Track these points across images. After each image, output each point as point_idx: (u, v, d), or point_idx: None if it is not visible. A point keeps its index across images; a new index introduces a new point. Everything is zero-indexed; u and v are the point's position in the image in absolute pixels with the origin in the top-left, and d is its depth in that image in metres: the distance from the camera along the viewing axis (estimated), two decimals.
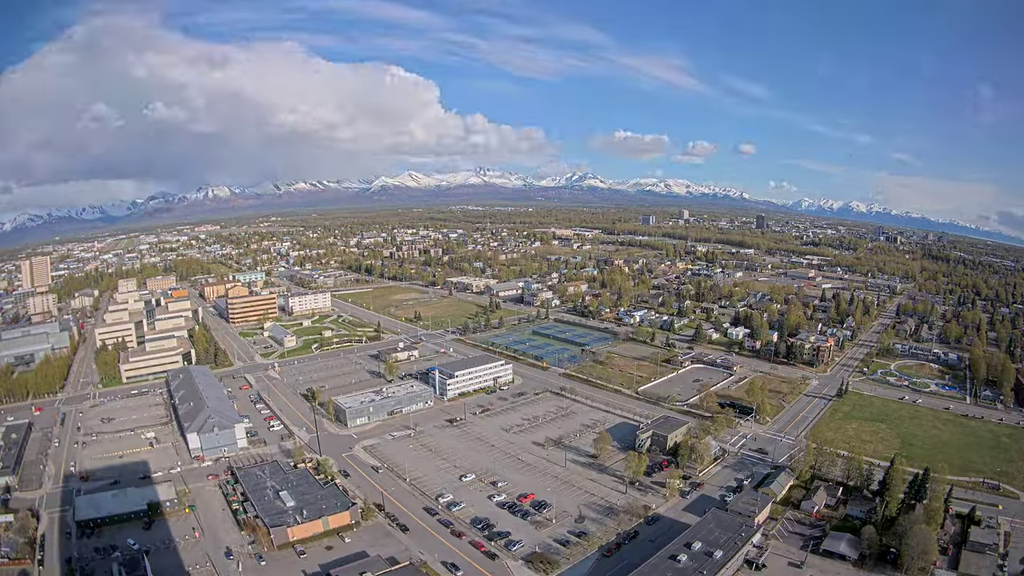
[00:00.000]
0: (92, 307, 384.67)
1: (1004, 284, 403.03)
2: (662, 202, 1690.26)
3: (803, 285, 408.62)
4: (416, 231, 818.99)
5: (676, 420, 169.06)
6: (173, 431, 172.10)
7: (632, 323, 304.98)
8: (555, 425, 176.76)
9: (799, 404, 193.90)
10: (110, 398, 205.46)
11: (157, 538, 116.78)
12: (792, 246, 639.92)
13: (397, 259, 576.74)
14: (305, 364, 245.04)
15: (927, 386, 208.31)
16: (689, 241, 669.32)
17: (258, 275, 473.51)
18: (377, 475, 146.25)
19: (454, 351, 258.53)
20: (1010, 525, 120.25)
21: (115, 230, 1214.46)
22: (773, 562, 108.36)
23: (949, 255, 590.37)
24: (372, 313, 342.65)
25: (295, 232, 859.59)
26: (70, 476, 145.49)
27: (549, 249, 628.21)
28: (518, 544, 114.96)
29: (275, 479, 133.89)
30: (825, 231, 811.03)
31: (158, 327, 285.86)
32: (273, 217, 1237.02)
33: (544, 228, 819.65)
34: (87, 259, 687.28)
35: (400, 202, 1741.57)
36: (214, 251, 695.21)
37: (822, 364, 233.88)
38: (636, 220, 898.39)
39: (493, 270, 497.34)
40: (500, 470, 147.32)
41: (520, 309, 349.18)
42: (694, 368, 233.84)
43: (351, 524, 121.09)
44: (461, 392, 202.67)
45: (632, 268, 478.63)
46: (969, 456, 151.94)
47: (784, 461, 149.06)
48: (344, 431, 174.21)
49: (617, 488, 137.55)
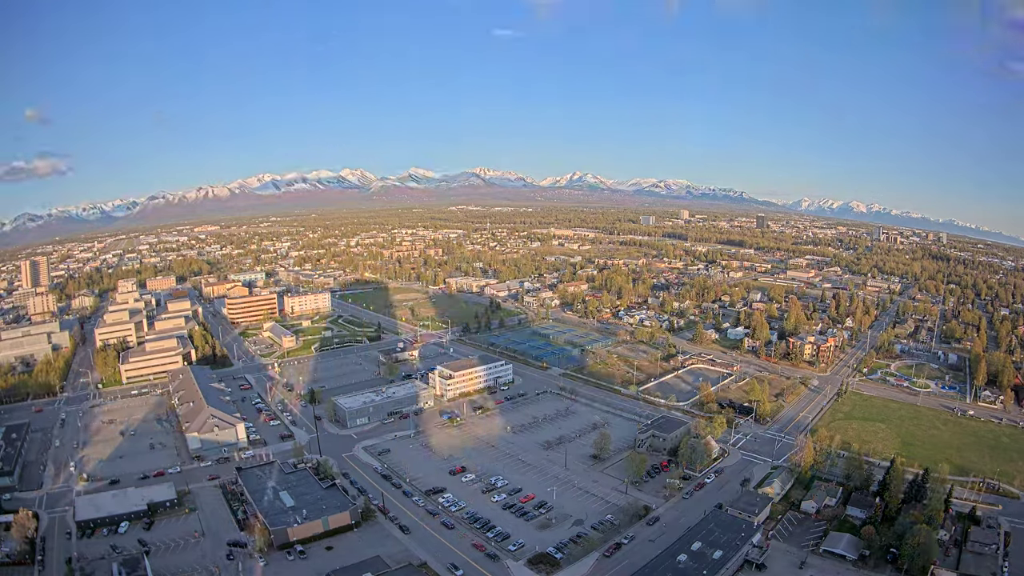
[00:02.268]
0: (92, 307, 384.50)
1: (1004, 284, 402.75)
2: (662, 202, 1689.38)
3: (803, 285, 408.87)
4: (416, 231, 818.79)
5: (676, 420, 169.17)
6: (173, 431, 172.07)
7: (632, 323, 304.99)
8: (555, 425, 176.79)
9: (799, 404, 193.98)
10: (110, 398, 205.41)
11: (157, 538, 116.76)
12: (792, 246, 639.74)
13: (397, 259, 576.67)
14: (305, 364, 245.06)
15: (927, 386, 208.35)
16: (689, 241, 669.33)
17: (258, 275, 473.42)
18: (377, 475, 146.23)
19: (454, 351, 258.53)
20: (1010, 525, 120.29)
21: (115, 230, 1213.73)
22: (773, 562, 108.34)
23: (949, 255, 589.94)
24: (372, 313, 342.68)
25: (295, 232, 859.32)
26: (70, 476, 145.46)
27: (549, 249, 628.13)
28: (519, 544, 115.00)
29: (275, 479, 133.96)
30: (825, 231, 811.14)
31: (158, 327, 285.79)
32: (273, 217, 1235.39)
33: (544, 228, 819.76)
34: (87, 259, 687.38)
35: (400, 202, 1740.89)
36: (214, 251, 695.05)
37: (822, 364, 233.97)
38: (636, 220, 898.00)
39: (493, 270, 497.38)
40: (501, 470, 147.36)
41: (520, 309, 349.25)
42: (694, 368, 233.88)
43: (351, 524, 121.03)
44: (461, 392, 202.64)
45: (632, 268, 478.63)
46: (969, 456, 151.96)
47: (784, 461, 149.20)
48: (344, 431, 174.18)
49: (617, 488, 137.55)
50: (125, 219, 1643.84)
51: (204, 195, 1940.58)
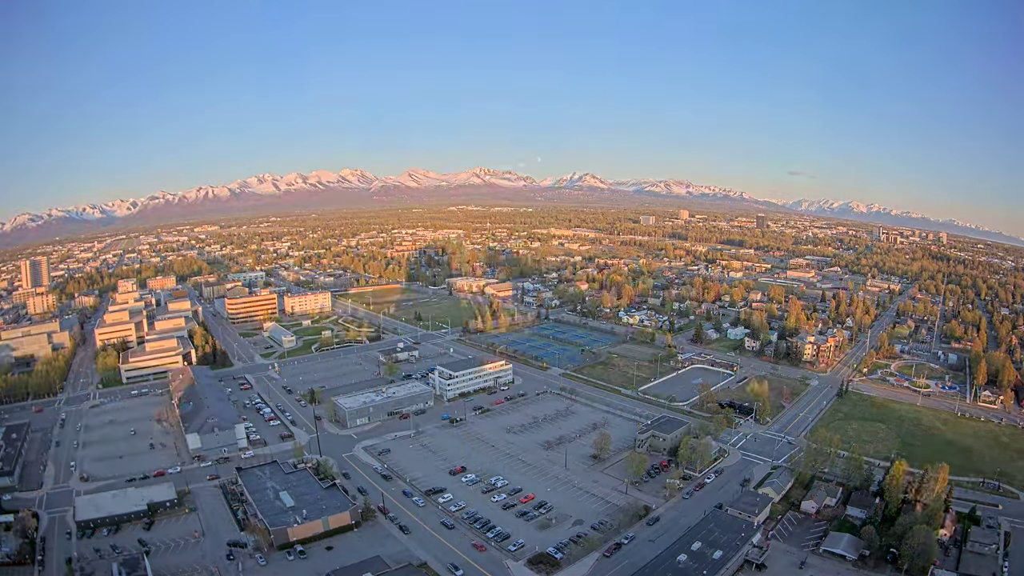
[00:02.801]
0: (92, 307, 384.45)
1: (1004, 284, 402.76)
2: (662, 202, 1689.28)
3: (803, 285, 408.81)
4: (416, 231, 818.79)
5: (676, 420, 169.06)
6: (173, 431, 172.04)
7: (632, 323, 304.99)
8: (555, 425, 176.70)
9: (799, 404, 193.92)
10: (110, 398, 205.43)
11: (157, 538, 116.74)
12: (792, 246, 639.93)
13: (397, 259, 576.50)
14: (305, 364, 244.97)
15: (927, 386, 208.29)
16: (689, 241, 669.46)
17: (258, 275, 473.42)
18: (377, 475, 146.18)
19: (454, 351, 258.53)
20: (1010, 525, 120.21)
21: (115, 230, 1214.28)
22: (773, 562, 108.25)
23: (949, 255, 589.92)
24: (372, 313, 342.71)
25: (295, 232, 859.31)
26: (70, 476, 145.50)
27: (549, 249, 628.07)
28: (519, 545, 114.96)
29: (275, 479, 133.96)
30: (825, 231, 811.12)
31: (158, 327, 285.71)
32: (273, 217, 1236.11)
33: (544, 228, 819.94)
34: (87, 259, 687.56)
35: (400, 202, 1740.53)
36: (214, 251, 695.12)
37: (822, 364, 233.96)
38: (636, 220, 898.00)
39: (493, 270, 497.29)
40: (501, 470, 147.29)
41: (520, 309, 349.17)
42: (694, 368, 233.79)
43: (351, 524, 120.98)
44: (461, 392, 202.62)
45: (632, 268, 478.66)
46: (969, 456, 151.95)
47: (784, 461, 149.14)
48: (344, 431, 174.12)
49: (617, 488, 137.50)
50: (125, 219, 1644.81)
51: (204, 195, 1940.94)
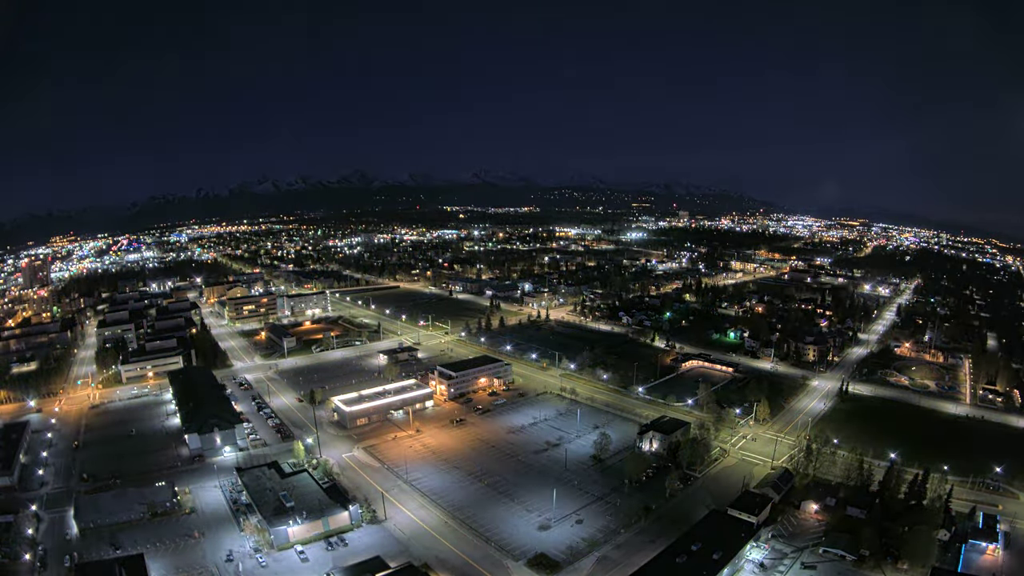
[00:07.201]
0: (92, 307, 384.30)
1: (1004, 284, 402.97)
2: (663, 202, 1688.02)
3: (803, 285, 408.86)
4: (416, 231, 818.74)
5: (676, 420, 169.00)
6: (173, 431, 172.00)
7: (632, 323, 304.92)
8: (555, 425, 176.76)
9: (799, 404, 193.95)
10: (110, 399, 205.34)
11: (157, 539, 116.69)
12: (793, 246, 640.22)
13: (397, 259, 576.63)
14: (305, 364, 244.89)
15: (927, 386, 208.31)
16: (689, 241, 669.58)
17: (258, 275, 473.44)
18: (377, 476, 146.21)
19: (454, 351, 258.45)
20: (1010, 525, 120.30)
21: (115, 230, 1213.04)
22: (773, 562, 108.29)
23: (949, 255, 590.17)
24: (372, 313, 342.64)
25: (295, 232, 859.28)
26: (70, 476, 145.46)
27: (549, 249, 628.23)
28: (519, 545, 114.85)
29: (275, 480, 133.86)
30: (826, 231, 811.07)
31: (158, 327, 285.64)
32: (273, 217, 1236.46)
33: (544, 228, 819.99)
34: (87, 259, 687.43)
35: (400, 202, 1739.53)
36: (214, 252, 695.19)
37: (822, 364, 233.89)
38: (637, 220, 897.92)
39: (493, 270, 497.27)
40: (501, 470, 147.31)
41: (520, 309, 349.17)
42: (694, 368, 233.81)
43: (351, 525, 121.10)
44: (461, 392, 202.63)
45: (632, 268, 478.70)
46: (969, 456, 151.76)
47: (784, 461, 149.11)
48: (344, 431, 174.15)
49: (617, 489, 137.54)
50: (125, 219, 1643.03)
51: (204, 195, 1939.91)
